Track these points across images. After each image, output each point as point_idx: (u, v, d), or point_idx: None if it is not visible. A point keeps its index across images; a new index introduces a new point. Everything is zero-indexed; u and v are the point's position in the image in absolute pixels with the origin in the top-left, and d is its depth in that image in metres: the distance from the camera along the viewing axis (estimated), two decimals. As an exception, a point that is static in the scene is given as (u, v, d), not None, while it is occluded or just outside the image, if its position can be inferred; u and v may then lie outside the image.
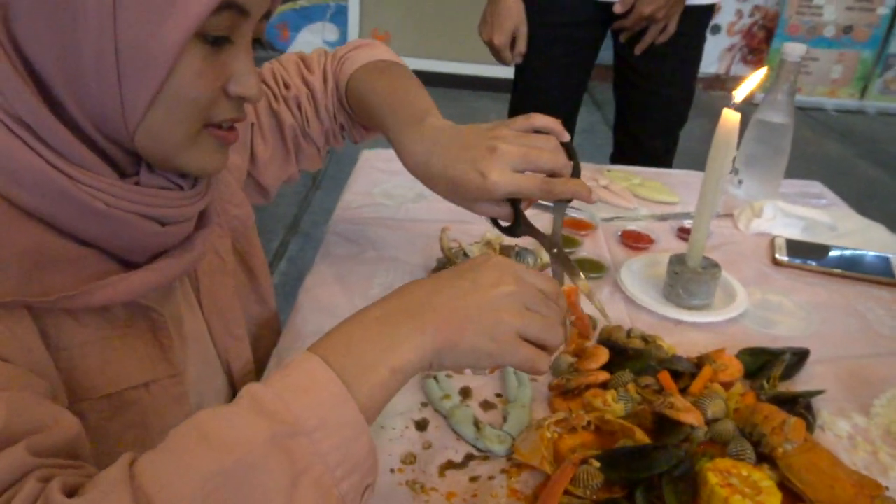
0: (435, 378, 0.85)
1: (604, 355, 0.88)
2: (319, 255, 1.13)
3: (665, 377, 0.84)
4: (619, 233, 1.24)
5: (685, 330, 1.01)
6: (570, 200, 0.78)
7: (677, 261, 1.06)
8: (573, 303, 0.77)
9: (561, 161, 0.76)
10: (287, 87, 0.92)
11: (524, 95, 1.85)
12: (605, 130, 4.09)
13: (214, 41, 0.56)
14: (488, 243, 1.05)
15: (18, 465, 0.44)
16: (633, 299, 1.05)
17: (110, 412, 0.63)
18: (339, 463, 0.47)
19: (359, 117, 0.93)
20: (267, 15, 0.64)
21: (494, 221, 0.82)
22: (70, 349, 0.59)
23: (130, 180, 0.59)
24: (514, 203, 0.78)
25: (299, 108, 0.92)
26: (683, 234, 1.27)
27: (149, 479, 0.43)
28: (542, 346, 0.60)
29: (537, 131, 0.79)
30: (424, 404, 0.83)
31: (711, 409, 0.79)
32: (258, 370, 0.86)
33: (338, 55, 0.94)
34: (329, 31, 4.80)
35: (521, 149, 0.75)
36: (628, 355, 0.89)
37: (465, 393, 0.85)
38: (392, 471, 0.73)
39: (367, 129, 0.97)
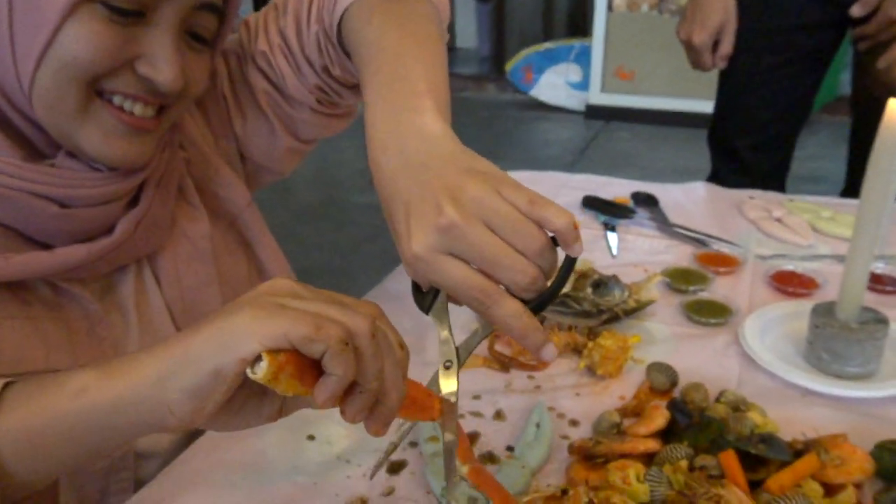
0: (436, 415, 0.70)
1: (660, 418, 0.66)
2: (399, 267, 1.04)
3: (729, 458, 0.59)
4: (771, 274, 0.96)
5: (816, 405, 0.73)
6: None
7: (823, 311, 0.78)
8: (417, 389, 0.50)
9: (528, 278, 0.47)
10: (256, 41, 0.74)
11: (726, 115, 1.55)
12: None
13: (121, 12, 0.54)
14: (588, 273, 0.87)
15: None
16: (750, 356, 0.79)
17: None
18: None
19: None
20: (213, 8, 0.59)
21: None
22: None
23: (46, 162, 0.58)
24: None
25: (270, 65, 0.73)
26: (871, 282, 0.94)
27: None
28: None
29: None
30: (413, 444, 0.69)
31: (786, 518, 0.54)
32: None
33: None
34: (573, 72, 4.73)
35: (476, 233, 0.47)
36: (692, 423, 0.65)
37: (469, 439, 0.69)
38: (328, 515, 0.61)
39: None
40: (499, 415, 0.72)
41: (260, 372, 0.40)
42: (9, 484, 0.41)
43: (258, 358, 0.40)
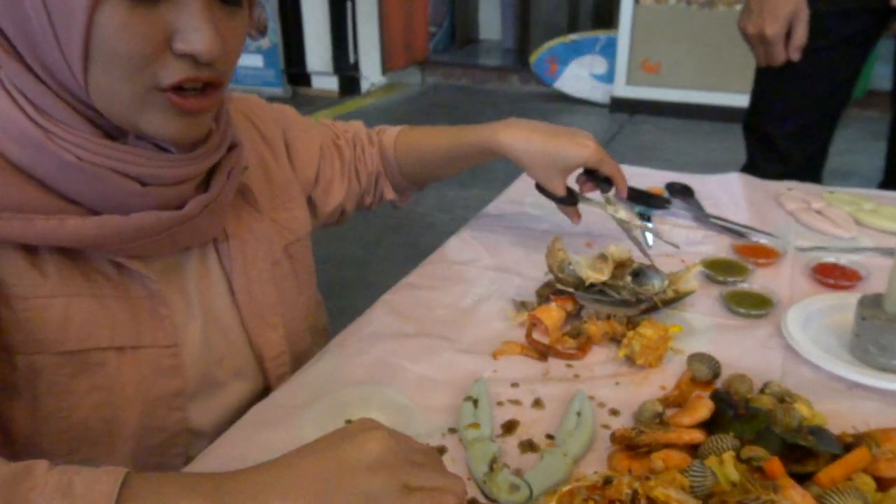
0: (475, 401, 0.70)
1: (704, 409, 0.65)
2: (432, 256, 1.04)
3: (774, 465, 0.57)
4: (813, 266, 0.94)
5: (863, 398, 0.71)
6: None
7: (870, 303, 0.76)
8: None
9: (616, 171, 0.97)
10: (346, 132, 0.99)
11: (763, 102, 1.51)
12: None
13: None
14: (601, 256, 0.85)
15: None
16: (794, 348, 0.77)
17: (73, 369, 0.61)
18: None
19: (415, 163, 0.99)
20: None
21: (553, 197, 0.99)
22: (29, 299, 0.58)
23: (120, 141, 0.59)
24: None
25: (354, 147, 0.97)
26: (917, 275, 0.92)
27: None
28: None
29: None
30: (453, 430, 0.68)
31: (839, 512, 0.52)
32: (296, 364, 0.80)
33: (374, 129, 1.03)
34: (598, 64, 4.70)
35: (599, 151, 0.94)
36: (738, 413, 0.64)
37: (509, 427, 0.68)
38: None
39: (396, 190, 1.03)
40: (537, 403, 0.72)
41: None
42: None
43: None
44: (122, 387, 0.63)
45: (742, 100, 1.55)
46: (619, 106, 4.58)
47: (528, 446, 0.66)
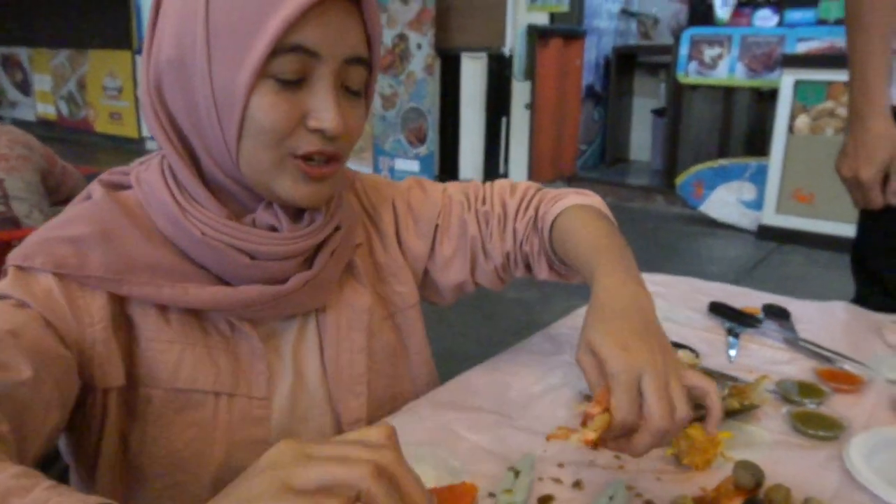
0: (517, 472, 0.76)
1: (732, 510, 0.67)
2: (518, 346, 1.11)
3: None
4: (898, 398, 0.92)
5: (916, 531, 0.69)
6: None
7: (938, 436, 0.74)
8: None
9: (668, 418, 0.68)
10: (483, 202, 0.96)
11: (867, 237, 1.49)
12: None
13: (287, 80, 0.66)
14: (692, 366, 0.89)
15: None
16: (851, 473, 0.76)
17: (178, 405, 0.73)
18: None
19: (560, 252, 0.89)
20: (360, 61, 0.71)
21: None
22: (154, 341, 0.73)
23: (247, 218, 0.74)
24: None
25: (487, 223, 0.94)
26: None
27: None
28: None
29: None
30: (492, 495, 0.74)
31: None
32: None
33: (550, 193, 0.96)
34: (746, 191, 4.62)
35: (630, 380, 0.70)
36: (763, 519, 0.65)
37: (544, 501, 0.73)
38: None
39: (553, 269, 0.93)
40: (577, 484, 0.76)
41: None
42: None
43: None
44: (214, 427, 0.75)
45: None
46: (767, 234, 4.45)
47: (559, 523, 0.71)
